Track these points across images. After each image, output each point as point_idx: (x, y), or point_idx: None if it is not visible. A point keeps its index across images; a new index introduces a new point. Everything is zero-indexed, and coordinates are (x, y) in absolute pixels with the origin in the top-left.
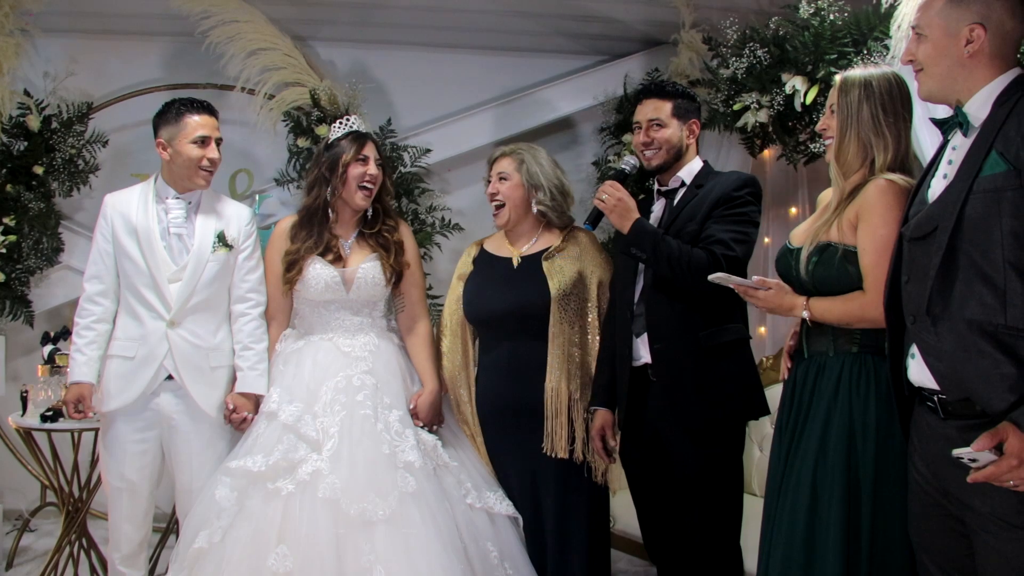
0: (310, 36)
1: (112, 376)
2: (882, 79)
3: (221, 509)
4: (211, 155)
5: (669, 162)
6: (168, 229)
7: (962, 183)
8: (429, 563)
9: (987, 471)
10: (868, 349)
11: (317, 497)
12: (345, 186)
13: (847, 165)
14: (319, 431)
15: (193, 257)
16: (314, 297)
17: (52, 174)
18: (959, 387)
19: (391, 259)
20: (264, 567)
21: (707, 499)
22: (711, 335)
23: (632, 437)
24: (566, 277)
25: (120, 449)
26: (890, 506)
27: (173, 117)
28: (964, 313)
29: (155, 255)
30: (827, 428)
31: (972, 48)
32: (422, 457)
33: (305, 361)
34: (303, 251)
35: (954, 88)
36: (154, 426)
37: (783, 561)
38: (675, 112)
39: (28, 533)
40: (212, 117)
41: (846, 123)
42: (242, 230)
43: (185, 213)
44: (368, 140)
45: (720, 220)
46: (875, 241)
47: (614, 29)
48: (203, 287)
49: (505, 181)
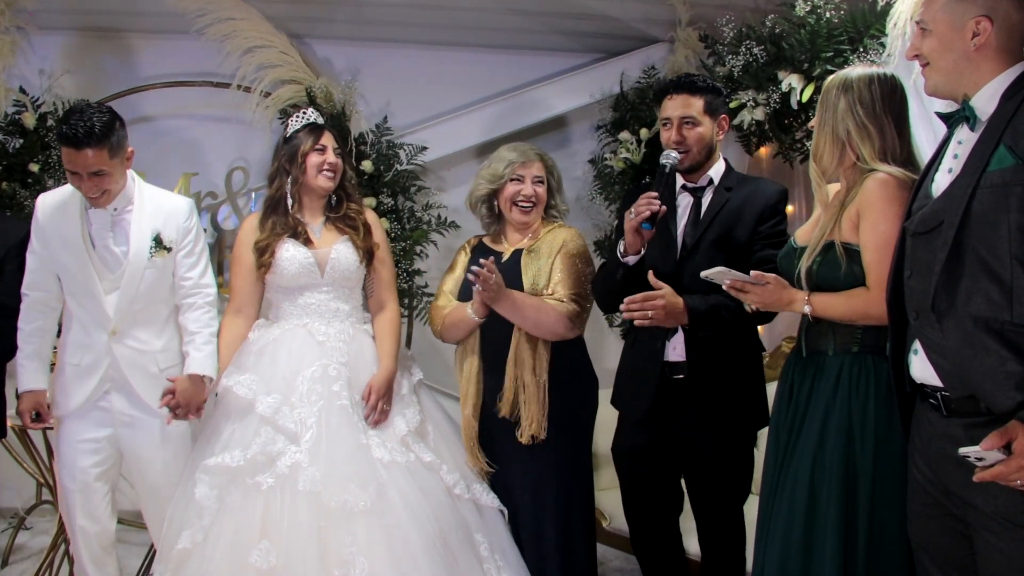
0: (306, 34)
1: (60, 382)
2: (864, 75)
3: (202, 508)
4: (87, 193)
5: (701, 162)
6: (92, 241)
7: (969, 177)
8: (411, 553)
9: (994, 470)
10: (868, 348)
11: (298, 490)
12: (305, 174)
13: (823, 164)
14: (297, 422)
15: (129, 266)
16: (288, 283)
17: (48, 172)
18: (964, 384)
19: (361, 238)
20: (248, 564)
21: (722, 503)
22: (737, 342)
23: (642, 430)
24: (540, 270)
25: (72, 449)
26: (888, 506)
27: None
28: (970, 309)
29: (86, 267)
30: (825, 428)
31: (978, 41)
32: (391, 454)
33: (280, 351)
34: (273, 236)
35: (961, 82)
36: (106, 425)
37: (780, 561)
38: (707, 108)
39: (23, 531)
40: (83, 151)
41: (822, 120)
42: (180, 227)
43: (110, 222)
44: (325, 130)
45: (768, 239)
46: (877, 237)
47: (610, 27)
48: (143, 295)
49: (541, 185)
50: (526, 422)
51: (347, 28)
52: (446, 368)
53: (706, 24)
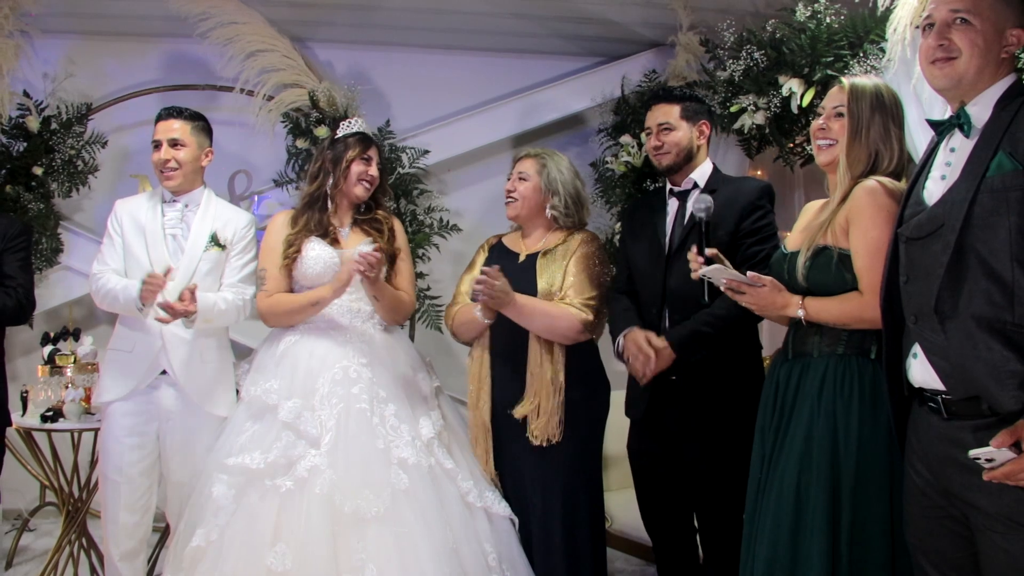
0: (309, 38)
1: (110, 369)
2: (888, 92)
3: (219, 507)
4: (162, 156)
5: (680, 163)
6: (164, 229)
7: (968, 182)
8: (419, 562)
9: (1004, 469)
10: (853, 351)
11: (314, 493)
12: (346, 180)
13: (854, 171)
14: (318, 426)
15: (187, 255)
16: (311, 281)
17: (51, 175)
18: (966, 385)
19: (384, 242)
20: (263, 566)
21: (720, 501)
22: (731, 343)
23: (644, 431)
24: (555, 274)
25: (118, 443)
26: (870, 507)
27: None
28: (972, 311)
29: (157, 251)
30: (811, 430)
31: (1008, 51)
32: (416, 454)
33: (301, 353)
34: (302, 233)
35: (974, 86)
36: (153, 420)
37: (767, 562)
38: (683, 115)
39: (28, 533)
40: (174, 120)
41: (857, 130)
42: (238, 232)
43: (180, 215)
44: (373, 144)
45: (751, 235)
46: (868, 243)
47: (612, 31)
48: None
49: (524, 181)
50: (541, 424)
51: (349, 32)
52: (447, 371)
53: (707, 29)
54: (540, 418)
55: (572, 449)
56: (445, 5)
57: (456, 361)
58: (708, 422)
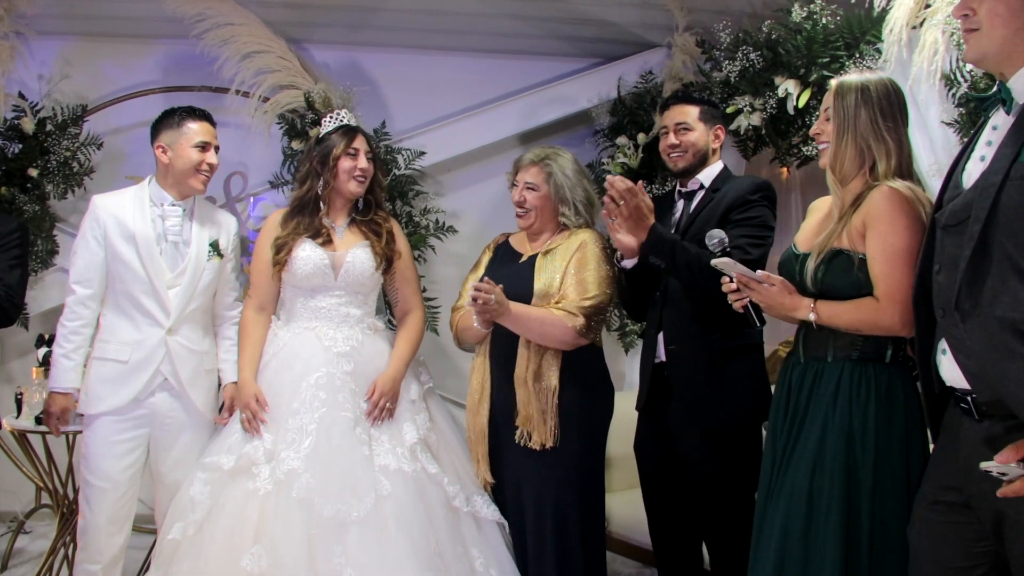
0: (305, 39)
1: (101, 379)
2: (879, 83)
3: (195, 503)
4: (211, 160)
5: (695, 165)
6: (165, 235)
7: (999, 166)
8: (400, 566)
9: (1015, 486)
10: (869, 356)
11: (291, 497)
12: (336, 179)
13: (843, 172)
14: (296, 430)
15: (191, 264)
16: (301, 283)
17: (47, 176)
18: (990, 388)
19: (381, 244)
20: (239, 567)
21: (719, 500)
22: (725, 339)
23: (649, 430)
24: (554, 275)
25: (107, 448)
26: (888, 514)
27: (175, 123)
28: (995, 310)
29: (154, 261)
30: (824, 435)
31: None
32: (398, 460)
33: (288, 359)
34: (294, 234)
35: (1009, 58)
36: (145, 425)
37: (776, 566)
38: (702, 117)
39: (22, 535)
40: (212, 125)
41: (843, 128)
42: (230, 240)
43: (182, 220)
44: (358, 133)
45: (736, 225)
46: (886, 249)
47: (608, 32)
48: (199, 294)
49: (533, 192)
50: (533, 428)
51: (345, 33)
52: (447, 373)
53: (703, 30)
54: (531, 423)
55: (568, 454)
56: (441, 6)
57: (451, 363)
58: (697, 416)
